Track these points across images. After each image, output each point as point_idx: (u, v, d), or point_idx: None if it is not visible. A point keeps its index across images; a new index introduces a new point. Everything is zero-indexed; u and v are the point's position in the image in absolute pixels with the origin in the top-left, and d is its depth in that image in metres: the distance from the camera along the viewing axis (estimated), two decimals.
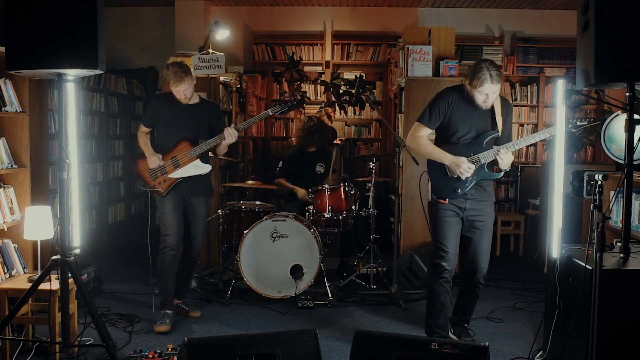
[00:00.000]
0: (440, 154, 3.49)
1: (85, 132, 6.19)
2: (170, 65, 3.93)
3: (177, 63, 3.94)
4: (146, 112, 4.20)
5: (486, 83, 3.29)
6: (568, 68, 7.67)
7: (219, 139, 3.96)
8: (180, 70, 3.86)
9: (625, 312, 2.72)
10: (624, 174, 2.82)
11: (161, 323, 3.86)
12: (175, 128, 3.99)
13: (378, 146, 8.21)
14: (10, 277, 3.50)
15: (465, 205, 3.49)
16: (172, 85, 3.91)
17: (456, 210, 3.50)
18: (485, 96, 3.36)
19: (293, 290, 4.42)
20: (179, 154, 3.95)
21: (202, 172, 3.99)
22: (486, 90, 3.33)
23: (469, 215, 3.50)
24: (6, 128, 3.70)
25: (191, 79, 3.92)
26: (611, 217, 3.80)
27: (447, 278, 3.49)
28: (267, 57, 8.08)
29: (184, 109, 3.99)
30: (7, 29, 2.73)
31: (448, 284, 3.51)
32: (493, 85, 3.31)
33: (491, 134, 3.48)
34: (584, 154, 7.25)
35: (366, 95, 4.99)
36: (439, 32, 5.40)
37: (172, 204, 3.97)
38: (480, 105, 3.40)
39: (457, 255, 3.59)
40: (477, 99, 3.38)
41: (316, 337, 2.68)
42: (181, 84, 3.87)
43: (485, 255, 3.56)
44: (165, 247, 3.96)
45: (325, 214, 4.81)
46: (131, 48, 8.00)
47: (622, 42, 2.65)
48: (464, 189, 3.46)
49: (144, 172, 4.02)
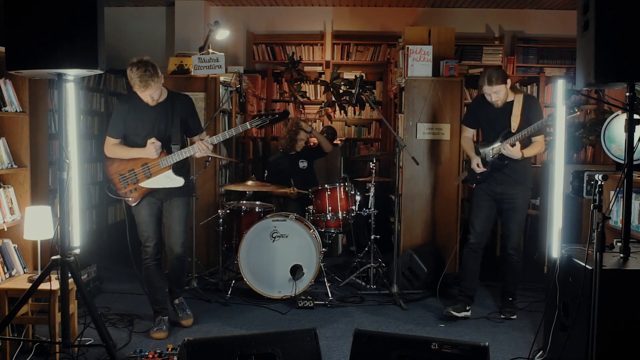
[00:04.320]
0: (469, 152, 4.29)
1: (85, 132, 6.19)
2: (134, 66, 3.48)
3: (142, 63, 3.49)
4: (112, 122, 3.74)
5: (484, 85, 4.00)
6: (568, 68, 7.65)
7: (191, 150, 3.66)
8: (147, 75, 3.46)
9: (625, 312, 2.71)
10: (624, 174, 2.82)
11: (158, 330, 3.77)
12: (144, 130, 3.66)
13: (378, 146, 8.21)
14: (10, 277, 3.50)
15: (497, 189, 4.13)
16: (138, 90, 3.54)
17: (490, 193, 4.17)
18: (489, 96, 4.01)
19: (293, 290, 4.42)
20: (150, 161, 3.66)
21: (174, 185, 3.69)
22: (487, 91, 4.01)
23: (499, 198, 4.14)
24: (6, 128, 3.70)
25: (159, 81, 3.55)
26: (611, 217, 3.80)
27: (473, 248, 4.19)
28: (267, 57, 8.08)
29: (152, 108, 3.66)
30: (7, 29, 2.73)
31: (474, 253, 4.20)
32: (491, 86, 3.97)
33: (503, 131, 4.04)
34: (584, 154, 7.25)
35: (366, 95, 4.98)
36: (439, 32, 5.41)
37: (147, 211, 3.74)
38: (493, 103, 4.03)
39: (487, 231, 4.25)
40: (487, 98, 4.04)
41: (316, 337, 2.68)
42: (147, 89, 3.52)
43: (513, 231, 4.15)
44: (147, 258, 3.79)
45: (325, 214, 4.81)
46: (131, 48, 7.97)
47: (622, 42, 2.65)
48: (482, 178, 4.16)
49: (114, 176, 3.71)
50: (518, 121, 4.01)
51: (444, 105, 5.22)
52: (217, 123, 5.36)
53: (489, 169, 4.13)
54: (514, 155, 3.96)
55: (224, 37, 6.04)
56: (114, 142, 3.71)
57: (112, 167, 3.72)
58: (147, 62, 3.50)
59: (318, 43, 8.05)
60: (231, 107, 5.85)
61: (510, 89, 4.09)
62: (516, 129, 4.00)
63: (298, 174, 5.37)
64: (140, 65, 3.47)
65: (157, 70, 3.53)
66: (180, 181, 3.69)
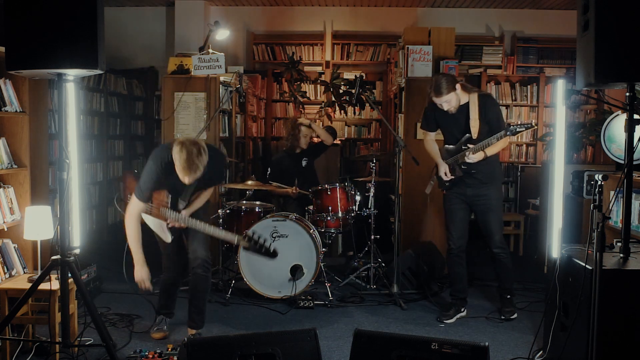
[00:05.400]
0: (435, 157, 4.20)
1: (85, 132, 6.19)
2: (182, 150, 3.17)
3: (193, 144, 3.20)
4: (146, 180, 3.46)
5: (433, 97, 3.92)
6: (568, 68, 7.66)
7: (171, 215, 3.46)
8: (196, 155, 3.19)
9: (625, 312, 2.71)
10: (624, 174, 2.82)
11: (158, 330, 3.78)
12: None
13: (378, 146, 8.21)
14: (10, 277, 3.50)
15: (467, 192, 4.07)
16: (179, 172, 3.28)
17: (461, 197, 4.11)
18: (441, 105, 3.95)
19: (293, 290, 4.42)
20: (156, 201, 3.49)
21: (165, 240, 3.57)
22: (437, 101, 3.94)
23: (471, 200, 4.08)
24: (6, 128, 3.70)
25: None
26: (611, 217, 3.80)
27: (454, 253, 4.15)
28: (267, 57, 8.08)
29: None
30: (7, 29, 2.73)
31: (457, 257, 4.16)
32: (440, 97, 3.88)
33: (463, 138, 3.99)
34: (584, 154, 7.25)
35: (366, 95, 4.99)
36: (439, 32, 5.41)
37: (174, 241, 3.62)
38: (447, 110, 3.95)
39: (465, 234, 4.16)
40: (439, 107, 3.97)
41: (316, 337, 2.68)
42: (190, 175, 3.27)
43: (493, 230, 4.07)
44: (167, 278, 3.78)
45: (325, 214, 4.81)
46: (131, 48, 7.99)
47: (622, 42, 2.65)
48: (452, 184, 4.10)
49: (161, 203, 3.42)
50: (477, 125, 3.92)
51: None
52: (217, 123, 5.36)
53: (457, 176, 4.06)
54: (478, 160, 3.91)
55: (224, 37, 6.04)
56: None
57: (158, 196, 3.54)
58: (198, 144, 3.24)
59: (318, 43, 8.06)
60: (231, 107, 5.85)
61: (463, 89, 3.97)
62: (477, 134, 3.91)
63: (300, 172, 5.36)
64: (191, 145, 3.19)
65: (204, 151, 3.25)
66: (168, 239, 3.55)
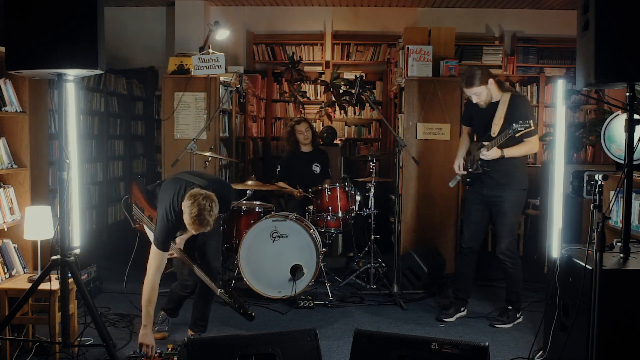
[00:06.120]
0: (458, 151, 4.25)
1: (85, 132, 6.19)
2: (194, 205, 3.13)
3: (205, 198, 3.18)
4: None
5: (463, 87, 3.99)
6: (568, 68, 7.66)
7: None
8: (208, 211, 3.17)
9: (625, 312, 2.71)
10: (624, 174, 2.82)
11: (158, 329, 3.78)
12: None
13: (378, 146, 8.21)
14: (10, 277, 3.50)
15: (484, 191, 4.04)
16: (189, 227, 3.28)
17: (479, 196, 4.09)
18: (470, 97, 3.99)
19: (293, 290, 4.42)
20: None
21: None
22: (466, 92, 4.00)
23: (487, 199, 4.05)
24: (6, 128, 3.70)
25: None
26: (611, 217, 3.80)
27: (464, 252, 4.16)
28: (267, 57, 8.08)
29: None
30: (7, 29, 2.73)
31: (465, 257, 4.15)
32: (469, 88, 3.91)
33: (485, 135, 3.96)
34: (584, 154, 7.25)
35: (366, 95, 4.99)
36: (439, 32, 5.41)
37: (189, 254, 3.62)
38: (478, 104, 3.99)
39: (477, 235, 4.15)
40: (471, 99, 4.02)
41: (316, 337, 2.68)
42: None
43: (501, 235, 4.01)
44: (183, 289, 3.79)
45: (325, 214, 4.81)
46: (131, 48, 7.99)
47: (622, 42, 2.65)
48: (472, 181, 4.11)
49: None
50: (500, 123, 3.86)
51: (444, 105, 5.21)
52: (217, 123, 5.37)
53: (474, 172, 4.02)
54: (493, 157, 3.84)
55: (224, 37, 6.04)
56: None
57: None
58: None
59: (318, 43, 8.06)
60: (231, 107, 5.85)
61: (499, 88, 3.96)
62: (497, 133, 3.86)
63: (310, 178, 5.31)
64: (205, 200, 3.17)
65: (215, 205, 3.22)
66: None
